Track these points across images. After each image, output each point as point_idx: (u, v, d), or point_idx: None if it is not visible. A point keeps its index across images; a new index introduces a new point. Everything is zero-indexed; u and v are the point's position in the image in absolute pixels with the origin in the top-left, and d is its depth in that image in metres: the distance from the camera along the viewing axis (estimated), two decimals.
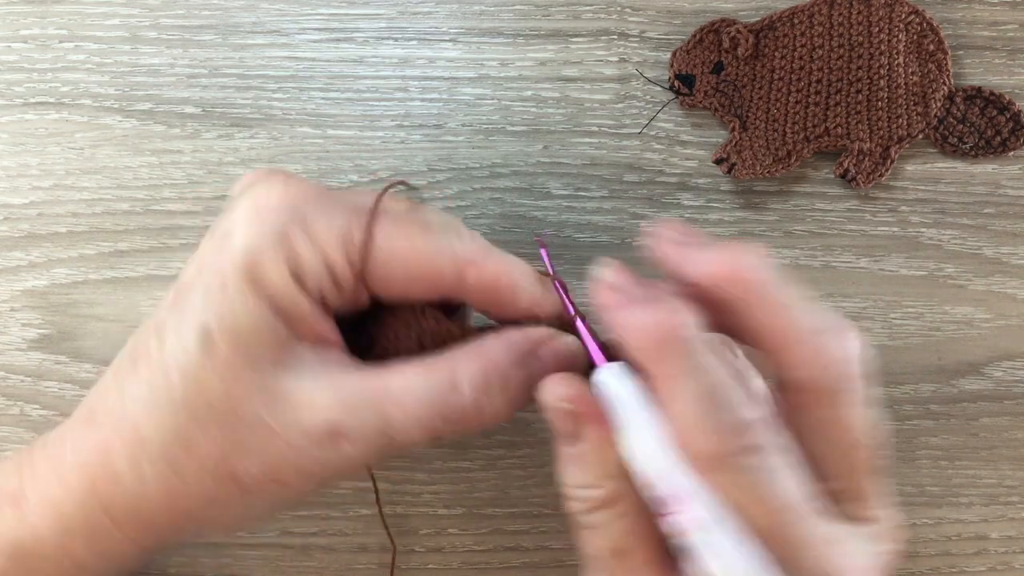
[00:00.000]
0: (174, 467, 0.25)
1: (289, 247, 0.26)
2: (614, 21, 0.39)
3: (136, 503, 0.26)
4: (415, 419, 0.26)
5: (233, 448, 0.25)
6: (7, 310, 0.39)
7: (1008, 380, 0.39)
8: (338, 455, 0.26)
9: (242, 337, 0.25)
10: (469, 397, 0.27)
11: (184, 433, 0.25)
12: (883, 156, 0.38)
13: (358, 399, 0.26)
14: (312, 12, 0.39)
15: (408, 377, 0.27)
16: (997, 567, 0.39)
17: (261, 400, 0.25)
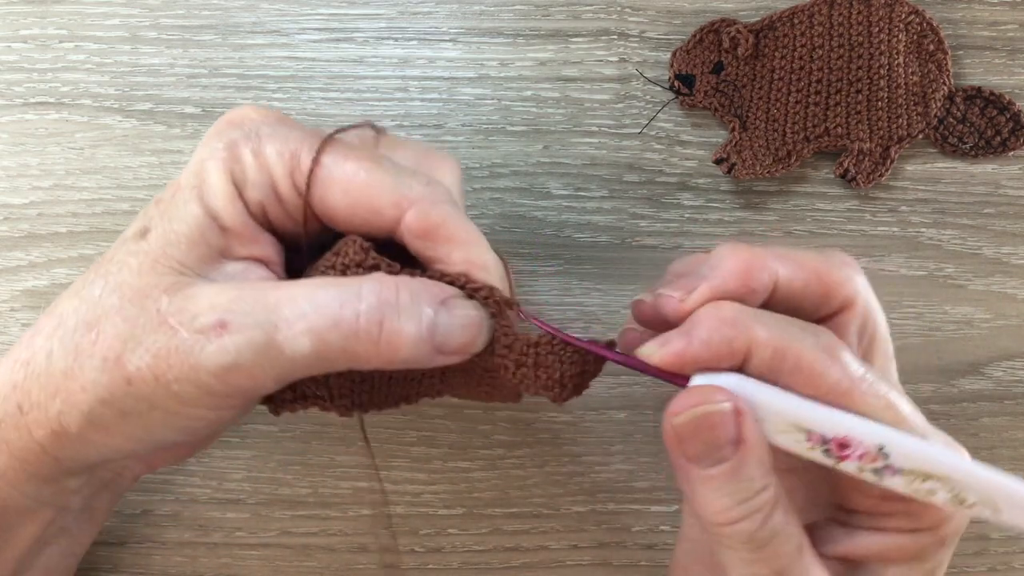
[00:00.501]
0: (77, 351, 0.25)
1: (234, 157, 0.26)
2: (614, 21, 0.39)
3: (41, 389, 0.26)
4: (305, 323, 0.25)
5: (129, 341, 0.25)
6: (7, 310, 0.39)
7: (1008, 380, 0.39)
8: (219, 351, 0.24)
9: (173, 235, 0.26)
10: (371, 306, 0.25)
11: (92, 319, 0.26)
12: (883, 156, 0.38)
13: (251, 296, 0.25)
14: (312, 12, 0.39)
15: (311, 283, 0.26)
16: (997, 567, 0.39)
17: (167, 296, 0.25)
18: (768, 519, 0.24)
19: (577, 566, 0.39)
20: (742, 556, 0.25)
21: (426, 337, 0.25)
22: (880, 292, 0.39)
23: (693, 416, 0.24)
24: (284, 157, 0.26)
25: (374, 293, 0.25)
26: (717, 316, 0.25)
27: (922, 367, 0.39)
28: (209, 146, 0.27)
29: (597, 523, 0.39)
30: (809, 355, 0.24)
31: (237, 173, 0.26)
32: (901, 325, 0.39)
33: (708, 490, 0.25)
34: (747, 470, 0.24)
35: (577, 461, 0.39)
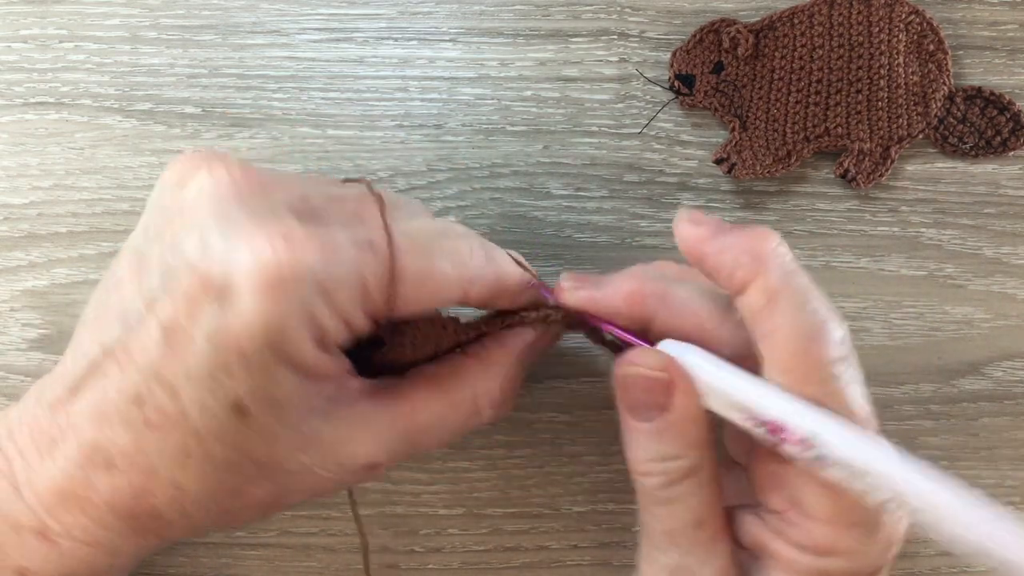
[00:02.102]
0: (224, 509, 0.26)
1: (314, 323, 0.23)
2: (614, 21, 0.39)
3: (182, 535, 0.27)
4: (441, 443, 0.29)
5: (283, 491, 0.26)
6: (7, 310, 0.39)
7: (1008, 380, 0.39)
8: (374, 479, 0.29)
9: (276, 404, 0.24)
10: (489, 417, 0.29)
11: (233, 486, 0.25)
12: (883, 156, 0.38)
13: (393, 438, 0.27)
14: (312, 12, 0.39)
15: (432, 407, 0.28)
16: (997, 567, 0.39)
17: (303, 452, 0.26)
18: (671, 484, 0.26)
19: (577, 566, 0.39)
20: (643, 504, 0.27)
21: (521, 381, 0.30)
22: (880, 292, 0.39)
23: (632, 373, 0.27)
24: (356, 299, 0.24)
25: (492, 407, 0.29)
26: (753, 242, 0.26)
27: (922, 367, 0.39)
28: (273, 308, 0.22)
29: (597, 523, 0.39)
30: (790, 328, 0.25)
31: (318, 335, 0.24)
32: (901, 325, 0.39)
33: (631, 438, 0.27)
34: (667, 436, 0.26)
35: (577, 461, 0.39)
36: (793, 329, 0.25)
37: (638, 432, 0.27)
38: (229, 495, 0.25)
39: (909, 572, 0.39)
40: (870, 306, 0.39)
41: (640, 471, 0.27)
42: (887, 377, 0.39)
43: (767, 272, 0.25)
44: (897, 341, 0.39)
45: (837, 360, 0.25)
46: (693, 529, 0.26)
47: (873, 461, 0.24)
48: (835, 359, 0.25)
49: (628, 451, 0.27)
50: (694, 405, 0.26)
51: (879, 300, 0.39)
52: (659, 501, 0.27)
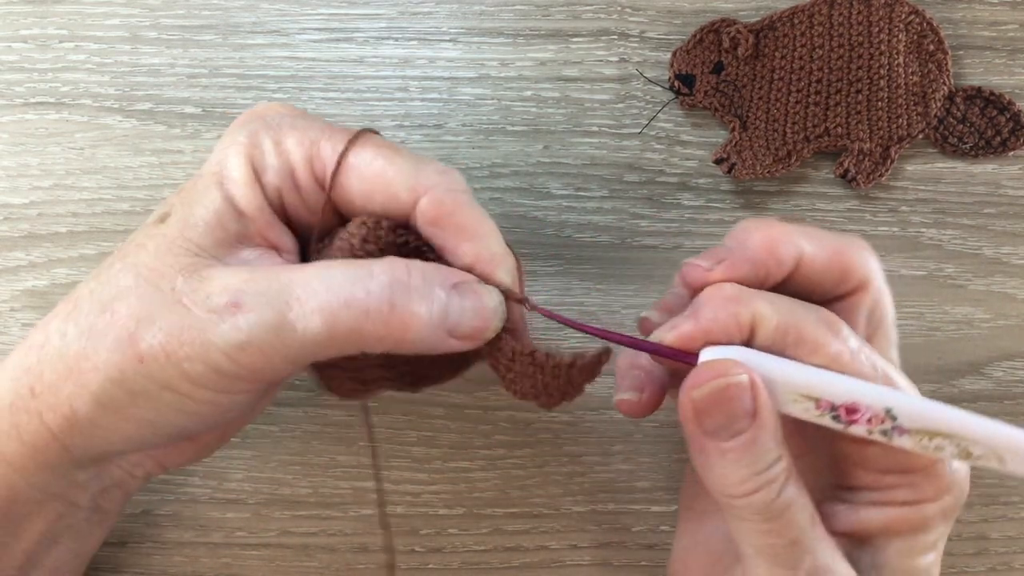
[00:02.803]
0: (91, 331, 0.26)
1: (255, 144, 0.27)
2: (614, 21, 0.39)
3: (53, 370, 0.26)
4: (317, 301, 0.25)
5: (143, 319, 0.25)
6: (7, 310, 0.39)
7: (1008, 380, 0.39)
8: (232, 330, 0.25)
9: (191, 219, 0.27)
10: (382, 284, 0.25)
11: (107, 299, 0.26)
12: (883, 156, 0.38)
13: (265, 276, 0.25)
14: (312, 12, 0.39)
15: (324, 265, 0.26)
16: (997, 567, 0.39)
17: (183, 276, 0.26)
18: (783, 489, 0.25)
19: (577, 566, 0.39)
20: (757, 527, 0.25)
21: (437, 320, 0.25)
22: None
23: (713, 389, 0.25)
24: (304, 146, 0.27)
25: (386, 273, 0.25)
26: (721, 295, 0.26)
27: (922, 367, 0.39)
28: (231, 136, 0.28)
29: (597, 523, 0.39)
30: (811, 328, 0.25)
31: (256, 159, 0.27)
32: (901, 325, 0.39)
33: (725, 463, 0.25)
34: (762, 441, 0.25)
35: (577, 461, 0.39)
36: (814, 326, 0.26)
37: (727, 453, 0.25)
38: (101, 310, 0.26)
39: None
40: None
41: (743, 492, 0.25)
42: None
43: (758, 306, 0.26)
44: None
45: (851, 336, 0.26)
46: (812, 526, 0.26)
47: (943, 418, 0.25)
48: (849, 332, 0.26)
49: (720, 479, 0.25)
50: (772, 402, 0.25)
51: None
52: (776, 513, 0.25)
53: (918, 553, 0.27)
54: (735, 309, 0.25)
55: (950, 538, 0.39)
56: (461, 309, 0.26)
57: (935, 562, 0.28)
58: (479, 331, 0.27)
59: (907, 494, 0.27)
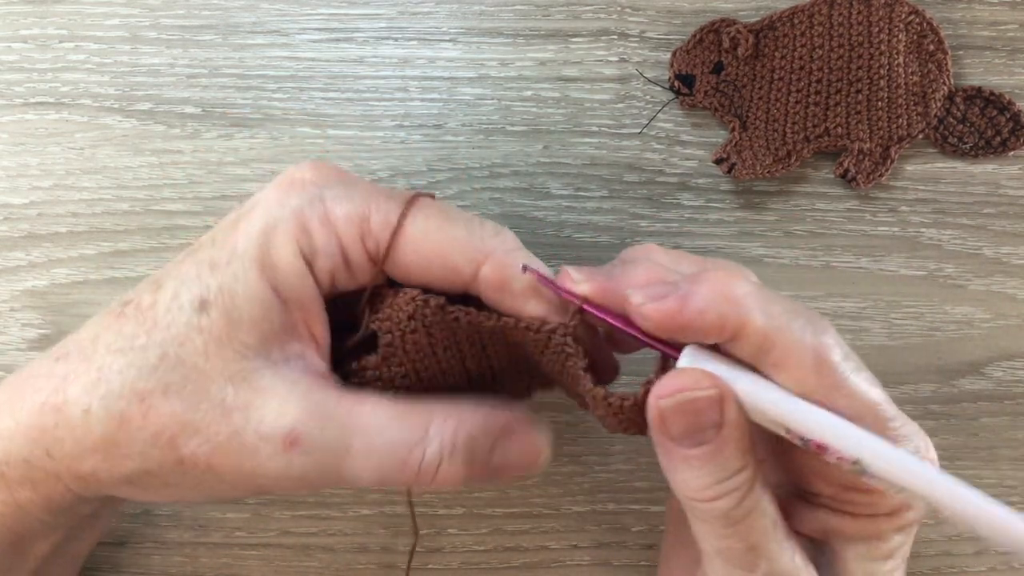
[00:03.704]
0: (123, 419, 0.25)
1: (302, 225, 0.26)
2: (614, 21, 0.39)
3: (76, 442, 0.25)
4: (374, 456, 0.26)
5: (187, 426, 0.25)
6: (7, 310, 0.39)
7: (1008, 380, 0.39)
8: (285, 464, 0.25)
9: (237, 312, 0.25)
10: (434, 454, 0.26)
11: (146, 392, 0.25)
12: (883, 156, 0.38)
13: (328, 416, 0.25)
14: (312, 12, 0.39)
15: (381, 413, 0.26)
16: (997, 567, 0.39)
17: (233, 384, 0.25)
18: (744, 498, 0.25)
19: (577, 566, 0.39)
20: (717, 531, 0.26)
21: (478, 470, 0.27)
22: (880, 292, 0.39)
23: (680, 400, 0.25)
24: (354, 222, 0.26)
25: (438, 439, 0.26)
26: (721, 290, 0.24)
27: (922, 367, 0.39)
28: (272, 213, 0.26)
29: (597, 523, 0.39)
30: (795, 355, 0.24)
31: (306, 244, 0.26)
32: (901, 325, 0.39)
33: (687, 468, 0.25)
34: (726, 452, 0.25)
35: (577, 461, 0.39)
36: (797, 356, 0.24)
37: (692, 459, 0.25)
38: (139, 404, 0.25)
39: (911, 572, 0.39)
40: (870, 306, 0.39)
41: (705, 498, 0.25)
42: (887, 377, 0.39)
43: (751, 317, 0.24)
44: (897, 341, 0.39)
45: (841, 361, 0.25)
46: (772, 531, 0.26)
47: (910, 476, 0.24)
48: (839, 362, 0.25)
49: (682, 484, 0.25)
50: (741, 414, 0.25)
51: (879, 300, 0.39)
52: (735, 520, 0.25)
53: (876, 558, 0.27)
54: (726, 310, 0.24)
55: (950, 538, 0.39)
56: (505, 455, 0.27)
57: (896, 568, 0.28)
58: (526, 469, 0.28)
59: (863, 508, 0.27)
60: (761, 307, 0.24)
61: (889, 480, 0.24)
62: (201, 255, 0.26)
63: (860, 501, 0.27)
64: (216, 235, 0.27)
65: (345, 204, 0.26)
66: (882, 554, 0.27)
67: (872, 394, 0.25)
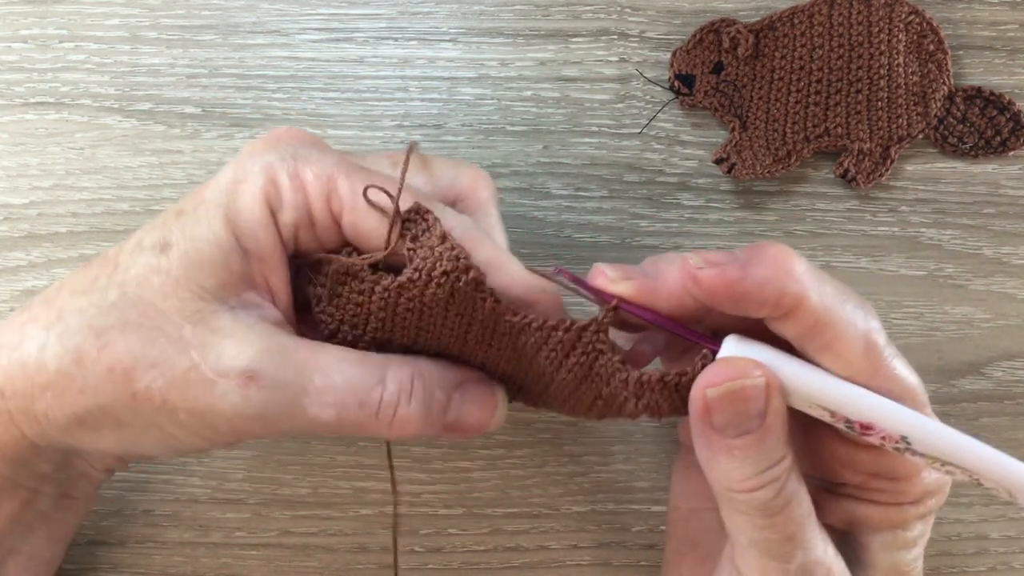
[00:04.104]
0: (79, 353, 0.25)
1: (271, 178, 0.26)
2: (614, 21, 0.39)
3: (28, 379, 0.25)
4: (333, 394, 0.26)
5: (142, 360, 0.25)
6: (7, 310, 0.38)
7: (1008, 380, 0.39)
8: (242, 400, 0.25)
9: (196, 255, 0.25)
10: (392, 393, 0.27)
11: (103, 329, 0.25)
12: (883, 156, 0.38)
13: (287, 353, 0.26)
14: (312, 12, 0.39)
15: (340, 355, 0.27)
16: (997, 567, 0.39)
17: (191, 323, 0.25)
18: (783, 488, 0.25)
19: (577, 566, 0.39)
20: (755, 522, 0.26)
21: (435, 418, 0.27)
22: (880, 292, 0.39)
23: (728, 389, 0.24)
24: (321, 180, 0.26)
25: (395, 381, 0.27)
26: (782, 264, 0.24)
27: (922, 367, 0.38)
28: (243, 166, 0.26)
29: (597, 523, 0.39)
30: (845, 338, 0.25)
31: (272, 196, 0.26)
32: (901, 325, 0.39)
33: (729, 459, 0.25)
34: (769, 441, 0.25)
35: (577, 461, 0.39)
36: (849, 339, 0.24)
37: (735, 449, 0.25)
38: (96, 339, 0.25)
39: None
40: None
41: (746, 488, 0.25)
42: None
43: (808, 296, 0.24)
44: (897, 341, 0.38)
45: (886, 347, 0.25)
46: (808, 521, 0.26)
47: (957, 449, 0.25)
48: (884, 347, 0.25)
49: (723, 474, 0.25)
50: (784, 403, 0.25)
51: (879, 300, 0.39)
52: (775, 510, 0.25)
53: (900, 547, 0.28)
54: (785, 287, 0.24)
55: (950, 538, 0.39)
56: (460, 407, 0.28)
57: (918, 556, 0.28)
58: (480, 426, 0.29)
59: (890, 496, 0.27)
60: (816, 287, 0.24)
61: (936, 455, 0.25)
62: (170, 209, 0.27)
63: (887, 488, 0.27)
64: (188, 194, 0.27)
65: (315, 164, 0.26)
66: (906, 543, 0.28)
67: (911, 379, 0.26)
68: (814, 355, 0.25)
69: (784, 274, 0.24)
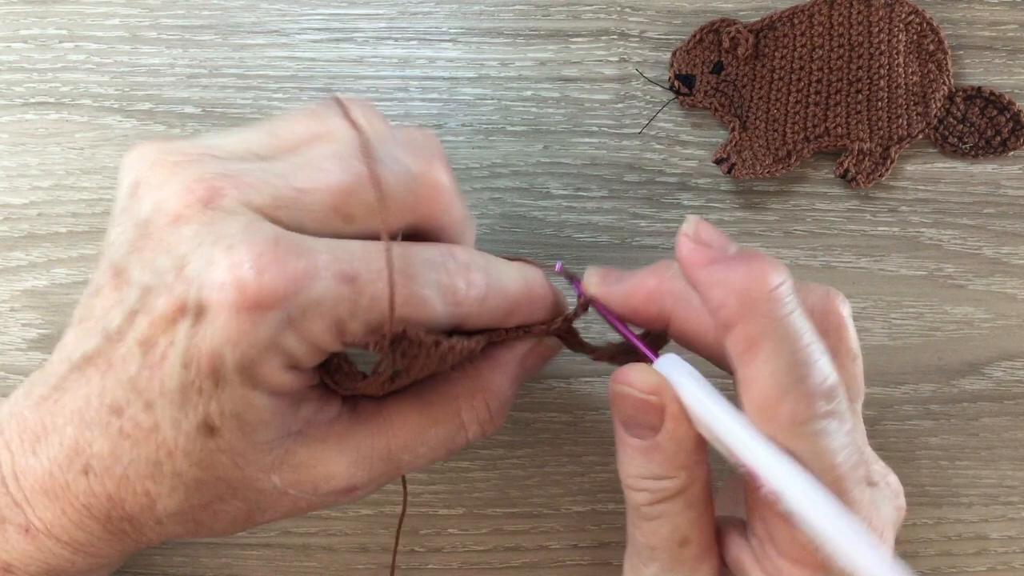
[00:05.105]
0: (196, 520, 0.26)
1: (285, 353, 0.23)
2: (614, 21, 0.39)
3: (159, 540, 0.27)
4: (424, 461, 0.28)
5: (255, 509, 0.26)
6: (7, 310, 0.39)
7: (1008, 380, 0.39)
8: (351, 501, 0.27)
9: (247, 426, 0.24)
10: (475, 433, 0.28)
11: (202, 502, 0.25)
12: (883, 156, 0.38)
13: (371, 460, 0.27)
14: (312, 12, 0.39)
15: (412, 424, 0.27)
16: (997, 567, 0.39)
17: (275, 473, 0.25)
18: (660, 502, 0.26)
19: (577, 566, 0.39)
20: (630, 516, 0.27)
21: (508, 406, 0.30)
22: (880, 292, 0.39)
23: (623, 392, 0.26)
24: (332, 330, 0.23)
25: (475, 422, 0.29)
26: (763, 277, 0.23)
27: (922, 367, 0.39)
28: (240, 350, 0.22)
29: (597, 523, 0.39)
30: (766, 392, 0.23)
31: (291, 362, 0.24)
32: (901, 325, 0.39)
33: (622, 451, 0.27)
34: (655, 457, 0.26)
35: (577, 461, 0.39)
36: (769, 382, 0.23)
37: (629, 447, 0.26)
38: (199, 509, 0.25)
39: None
40: (870, 306, 0.39)
41: (628, 484, 0.27)
42: (887, 377, 0.39)
43: (750, 319, 0.23)
44: (897, 341, 0.39)
45: (816, 416, 0.23)
46: (677, 547, 0.26)
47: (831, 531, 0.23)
48: (813, 415, 0.23)
49: (619, 462, 0.27)
50: (684, 428, 0.25)
51: (879, 300, 0.39)
52: (645, 516, 0.26)
53: None
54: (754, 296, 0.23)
55: (950, 538, 0.39)
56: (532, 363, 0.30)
57: None
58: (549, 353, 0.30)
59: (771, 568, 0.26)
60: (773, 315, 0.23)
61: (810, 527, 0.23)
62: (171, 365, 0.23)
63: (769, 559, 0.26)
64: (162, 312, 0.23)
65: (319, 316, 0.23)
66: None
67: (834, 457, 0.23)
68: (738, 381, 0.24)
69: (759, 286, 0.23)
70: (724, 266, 0.24)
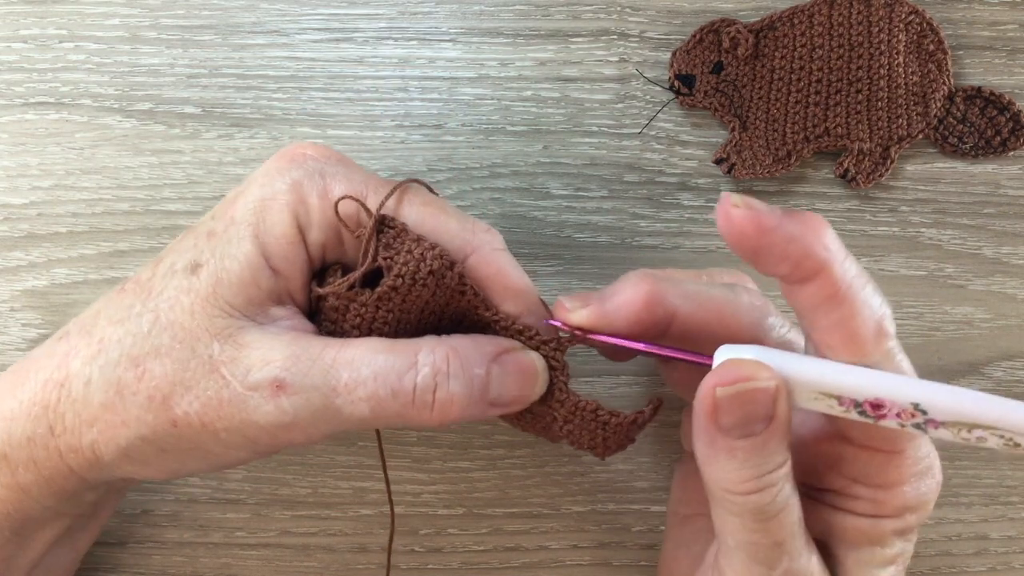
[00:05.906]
0: (120, 385, 0.25)
1: (301, 197, 0.26)
2: (614, 21, 0.39)
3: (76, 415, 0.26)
4: (364, 388, 0.25)
5: (178, 384, 0.25)
6: (7, 310, 0.39)
7: (1008, 380, 0.39)
8: (275, 410, 0.25)
9: (226, 275, 0.26)
10: (426, 376, 0.26)
11: (138, 354, 0.25)
12: (883, 156, 0.38)
13: (309, 356, 0.25)
14: (312, 12, 0.39)
15: (367, 346, 0.26)
16: (997, 567, 0.39)
17: (219, 341, 0.25)
18: (779, 493, 0.25)
19: (577, 566, 0.39)
20: (746, 525, 0.25)
21: (477, 397, 0.27)
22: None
23: (739, 391, 0.24)
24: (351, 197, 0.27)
25: (429, 365, 0.26)
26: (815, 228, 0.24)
27: (922, 367, 0.39)
28: (271, 183, 0.27)
29: (597, 523, 0.39)
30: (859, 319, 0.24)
31: (302, 215, 0.26)
32: (901, 325, 0.39)
33: (730, 460, 0.25)
34: (771, 445, 0.25)
35: (577, 461, 0.39)
36: (864, 318, 0.24)
37: (737, 451, 0.25)
38: (133, 367, 0.25)
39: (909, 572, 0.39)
40: None
41: (743, 491, 0.25)
42: None
43: (833, 265, 0.24)
44: None
45: (893, 337, 0.25)
46: (799, 528, 0.26)
47: (984, 412, 0.23)
48: (892, 336, 0.25)
49: (721, 475, 0.25)
50: (789, 407, 0.25)
51: None
52: (769, 515, 0.25)
53: (876, 566, 0.27)
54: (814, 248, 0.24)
55: (950, 538, 0.39)
56: (502, 382, 0.27)
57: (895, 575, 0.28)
58: (523, 397, 0.28)
59: (868, 506, 0.27)
60: (842, 260, 0.24)
61: (957, 418, 0.23)
62: (200, 228, 0.27)
63: (866, 497, 0.27)
64: (216, 211, 0.27)
65: (343, 182, 0.27)
66: (883, 560, 0.27)
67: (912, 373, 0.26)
68: (824, 332, 0.25)
69: (815, 237, 0.24)
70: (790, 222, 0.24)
